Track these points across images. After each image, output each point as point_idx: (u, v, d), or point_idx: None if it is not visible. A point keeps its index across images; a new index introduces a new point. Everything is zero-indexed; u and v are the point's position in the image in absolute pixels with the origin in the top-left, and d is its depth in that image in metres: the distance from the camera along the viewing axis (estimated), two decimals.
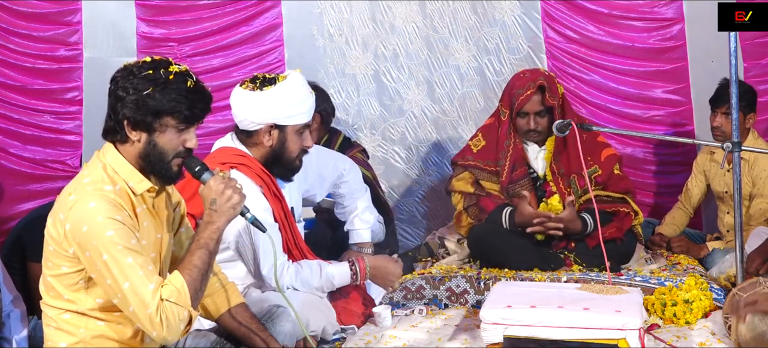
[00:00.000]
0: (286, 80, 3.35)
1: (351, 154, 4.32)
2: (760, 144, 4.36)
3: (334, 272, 3.44)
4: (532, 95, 4.14)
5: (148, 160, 2.49)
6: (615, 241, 4.09)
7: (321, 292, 3.44)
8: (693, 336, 3.36)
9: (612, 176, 4.26)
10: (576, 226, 4.05)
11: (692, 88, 5.06)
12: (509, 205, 4.19)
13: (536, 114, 4.17)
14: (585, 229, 4.08)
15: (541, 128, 4.18)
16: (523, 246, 4.10)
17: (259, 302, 3.10)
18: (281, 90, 3.32)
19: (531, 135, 4.22)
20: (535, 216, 4.05)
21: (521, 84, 4.20)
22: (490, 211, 4.20)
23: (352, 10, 5.23)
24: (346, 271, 3.47)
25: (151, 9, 5.18)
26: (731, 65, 3.45)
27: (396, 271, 3.57)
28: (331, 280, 3.44)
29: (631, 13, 5.11)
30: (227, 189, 2.52)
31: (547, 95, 4.14)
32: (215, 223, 2.50)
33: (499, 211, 4.18)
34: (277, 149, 3.39)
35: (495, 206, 4.20)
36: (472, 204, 4.29)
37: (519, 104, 4.17)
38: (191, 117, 2.49)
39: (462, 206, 4.32)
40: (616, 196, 4.21)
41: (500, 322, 3.07)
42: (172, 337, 2.41)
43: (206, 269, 2.47)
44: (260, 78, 3.38)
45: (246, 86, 3.36)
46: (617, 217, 4.17)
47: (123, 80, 2.46)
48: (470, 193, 4.31)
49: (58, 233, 2.43)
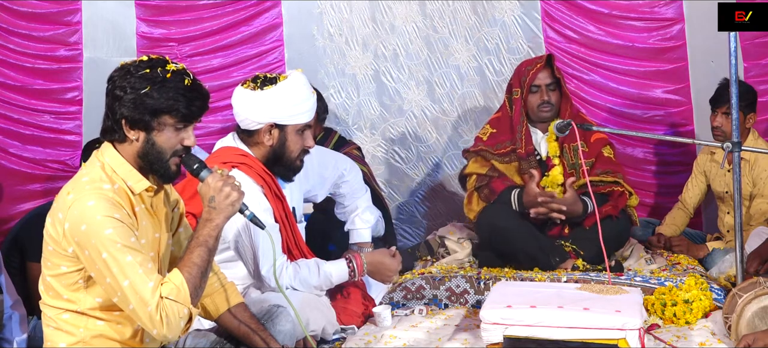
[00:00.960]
0: (287, 80, 3.36)
1: (346, 152, 4.33)
2: (760, 144, 4.36)
3: (332, 270, 3.45)
4: (541, 67, 4.34)
5: (147, 159, 2.49)
6: (610, 218, 4.18)
7: (320, 291, 3.44)
8: (693, 336, 3.36)
9: (600, 156, 4.37)
10: (578, 208, 4.18)
11: (692, 88, 5.06)
12: (519, 187, 4.30)
13: (547, 87, 4.33)
14: (585, 212, 4.20)
15: (554, 100, 4.35)
16: (529, 233, 4.17)
17: (259, 302, 3.10)
18: (282, 89, 3.33)
19: (544, 108, 4.35)
20: (540, 195, 4.16)
21: (529, 62, 4.44)
22: (500, 192, 4.29)
23: (352, 10, 5.23)
24: (343, 268, 3.47)
25: (151, 9, 5.18)
26: (731, 65, 3.45)
27: (393, 265, 3.57)
28: (329, 278, 3.44)
29: (631, 13, 5.11)
30: (225, 186, 2.52)
31: (555, 67, 4.35)
32: (214, 221, 2.50)
33: (509, 192, 4.29)
34: (278, 149, 3.40)
35: (504, 187, 4.30)
36: (484, 185, 4.38)
37: (530, 78, 4.33)
38: (189, 115, 2.48)
39: (473, 186, 4.41)
40: (609, 179, 4.31)
41: (500, 322, 3.07)
42: (173, 334, 2.40)
43: (205, 267, 2.46)
44: (261, 77, 3.39)
45: (247, 86, 3.37)
46: (612, 197, 4.28)
47: (120, 79, 2.46)
48: (483, 173, 4.40)
49: (56, 232, 2.43)
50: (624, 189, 4.30)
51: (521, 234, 4.16)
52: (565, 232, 4.26)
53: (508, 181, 4.34)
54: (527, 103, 4.37)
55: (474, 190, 4.41)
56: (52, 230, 2.44)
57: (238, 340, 2.76)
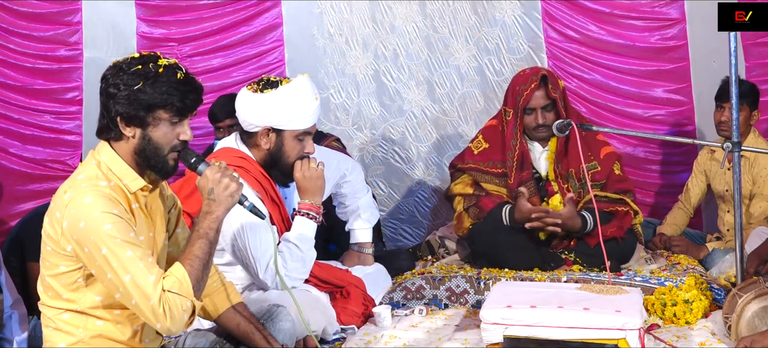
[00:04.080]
0: (289, 85, 3.35)
1: (326, 144, 4.32)
2: (760, 143, 4.36)
3: (301, 231, 3.35)
4: (535, 89, 4.14)
5: (144, 155, 2.49)
6: (616, 240, 4.08)
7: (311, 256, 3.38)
8: (693, 336, 3.35)
9: (611, 175, 4.25)
10: (575, 223, 4.05)
11: (693, 87, 5.06)
12: (509, 203, 4.19)
13: (542, 109, 4.17)
14: (585, 227, 4.07)
15: (549, 122, 4.16)
16: (523, 245, 4.10)
17: (259, 302, 3.10)
18: (281, 94, 3.32)
19: (540, 130, 4.20)
20: (533, 211, 4.06)
21: (523, 80, 4.21)
22: (490, 210, 4.19)
23: (352, 10, 5.23)
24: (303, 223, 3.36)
25: (151, 9, 5.18)
26: (731, 65, 3.45)
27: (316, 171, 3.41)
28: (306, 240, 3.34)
29: (632, 12, 5.10)
30: (224, 177, 2.51)
31: (550, 87, 4.14)
32: (214, 213, 2.49)
33: (499, 209, 4.17)
34: (275, 153, 3.40)
35: (494, 204, 4.20)
36: (472, 204, 4.28)
37: (524, 100, 4.17)
38: (183, 108, 2.49)
39: (462, 207, 4.31)
40: (615, 196, 4.21)
41: (500, 322, 3.06)
42: (177, 327, 2.39)
43: (207, 259, 2.46)
44: (265, 80, 3.39)
45: (250, 87, 3.38)
46: (617, 217, 4.16)
47: (113, 77, 2.46)
48: (470, 194, 4.30)
49: (55, 232, 2.42)
50: (629, 208, 4.19)
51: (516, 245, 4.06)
52: (572, 244, 4.15)
53: (497, 199, 4.22)
54: (523, 123, 4.22)
55: (463, 210, 4.29)
56: (51, 229, 2.44)
57: (237, 339, 2.76)
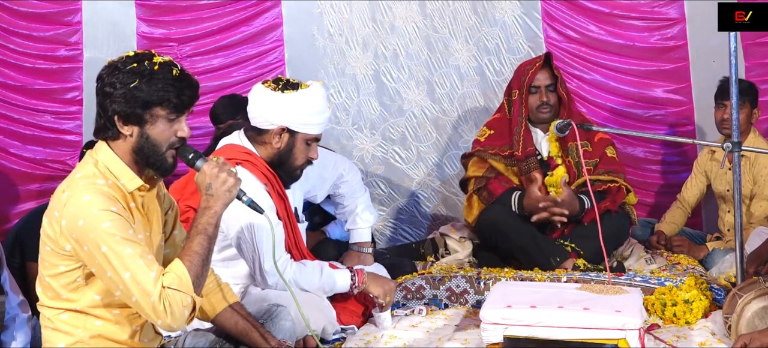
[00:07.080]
0: (309, 88, 3.40)
1: None
2: (760, 143, 4.37)
3: (337, 277, 3.45)
4: (540, 67, 4.37)
5: (143, 154, 2.49)
6: (609, 213, 4.17)
7: (322, 293, 3.44)
8: (693, 336, 3.36)
9: (604, 156, 4.38)
10: (575, 206, 4.19)
11: (693, 87, 5.06)
12: (518, 189, 4.29)
13: (546, 87, 4.35)
14: (582, 210, 4.20)
15: (552, 102, 4.37)
16: (529, 231, 4.18)
17: (259, 301, 3.10)
18: (301, 97, 3.36)
19: (543, 109, 4.36)
20: (542, 200, 4.17)
21: (528, 62, 4.47)
22: (500, 194, 4.29)
23: (352, 10, 5.23)
24: (347, 278, 3.47)
25: (151, 9, 5.18)
26: (731, 65, 3.45)
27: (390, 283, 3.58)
28: (331, 283, 3.44)
29: (631, 12, 5.11)
30: (222, 173, 2.51)
31: (554, 66, 4.37)
32: (212, 208, 2.49)
33: (509, 194, 4.29)
34: (284, 153, 3.42)
35: (504, 190, 4.31)
36: (482, 187, 4.37)
37: (529, 78, 4.35)
38: (180, 105, 2.48)
39: (473, 188, 4.41)
40: (606, 178, 4.32)
41: (500, 322, 3.07)
42: (177, 324, 2.38)
43: (206, 255, 2.45)
44: (284, 81, 3.43)
45: (268, 85, 3.41)
46: (610, 193, 4.29)
47: (109, 76, 2.46)
48: (480, 176, 4.40)
49: (54, 231, 2.42)
50: (621, 184, 4.31)
51: (521, 231, 4.16)
52: (566, 231, 4.26)
53: (506, 183, 4.34)
54: (527, 104, 4.38)
55: (473, 192, 4.40)
56: (49, 229, 2.44)
57: (236, 339, 2.76)
